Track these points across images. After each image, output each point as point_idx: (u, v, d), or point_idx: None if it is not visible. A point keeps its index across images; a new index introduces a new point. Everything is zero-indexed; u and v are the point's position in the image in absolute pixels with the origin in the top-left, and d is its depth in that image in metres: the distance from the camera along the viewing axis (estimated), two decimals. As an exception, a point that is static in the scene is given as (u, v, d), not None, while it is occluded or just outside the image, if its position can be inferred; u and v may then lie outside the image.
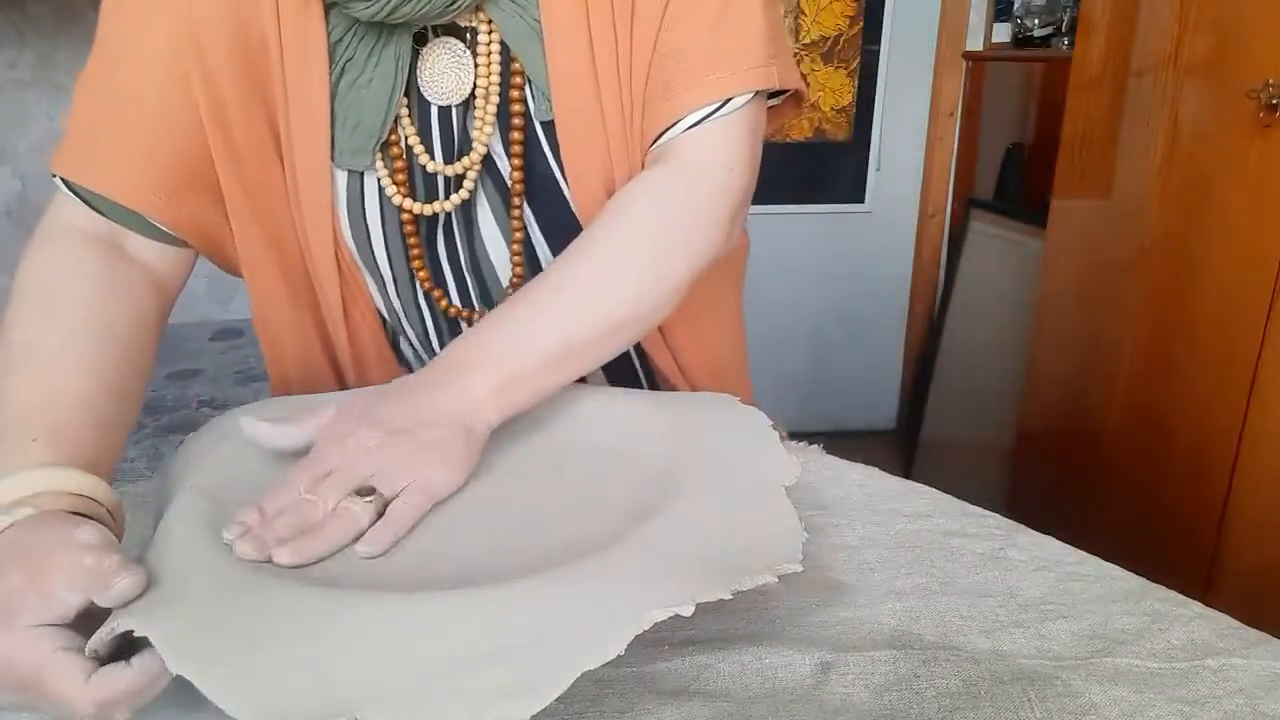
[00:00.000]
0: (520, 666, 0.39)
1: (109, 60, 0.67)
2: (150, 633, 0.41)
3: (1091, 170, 1.61)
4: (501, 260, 0.72)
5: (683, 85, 0.65)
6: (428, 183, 0.69)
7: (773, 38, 0.67)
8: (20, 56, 2.09)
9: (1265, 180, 1.22)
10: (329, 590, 0.45)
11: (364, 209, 0.70)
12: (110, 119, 0.66)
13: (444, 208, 0.69)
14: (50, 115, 2.13)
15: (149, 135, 0.66)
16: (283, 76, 0.66)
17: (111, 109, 0.66)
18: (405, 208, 0.69)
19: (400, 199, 0.68)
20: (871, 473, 0.69)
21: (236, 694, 0.38)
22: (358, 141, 0.67)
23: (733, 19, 0.65)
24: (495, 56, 0.66)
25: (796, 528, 0.50)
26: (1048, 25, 2.20)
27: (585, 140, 0.67)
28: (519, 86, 0.67)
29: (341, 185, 0.69)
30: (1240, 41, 1.26)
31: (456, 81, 0.67)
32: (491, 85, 0.67)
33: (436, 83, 0.67)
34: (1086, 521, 1.56)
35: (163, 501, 0.56)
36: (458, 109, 0.68)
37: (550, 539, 0.51)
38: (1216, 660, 0.48)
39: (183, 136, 0.66)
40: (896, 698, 0.45)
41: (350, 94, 0.66)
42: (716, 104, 0.65)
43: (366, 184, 0.69)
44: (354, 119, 0.66)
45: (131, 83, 0.66)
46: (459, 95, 0.67)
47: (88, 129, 0.67)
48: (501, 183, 0.69)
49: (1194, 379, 1.36)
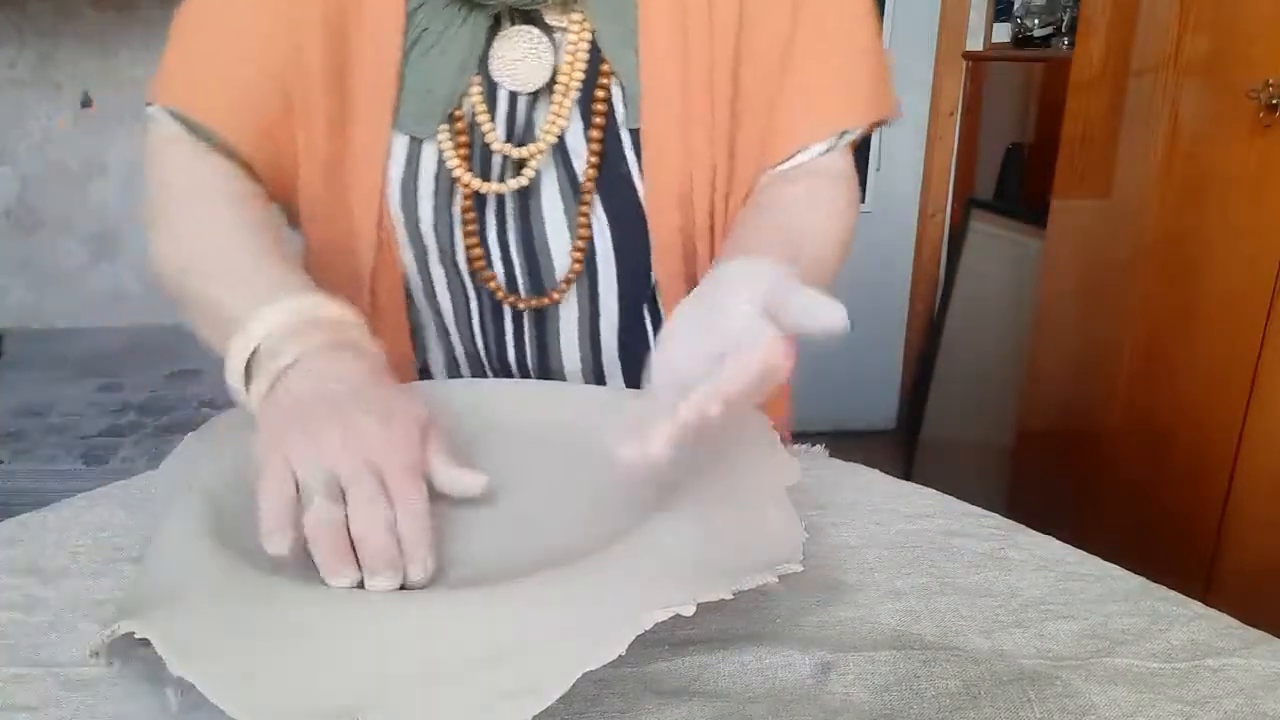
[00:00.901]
0: (521, 667, 0.39)
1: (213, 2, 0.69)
2: (151, 634, 0.41)
3: (1091, 170, 1.61)
4: (560, 250, 0.72)
5: (807, 121, 0.71)
6: (485, 162, 0.70)
7: (879, 67, 0.73)
8: (20, 56, 2.09)
9: (1265, 180, 1.22)
10: (329, 590, 0.45)
11: (417, 178, 0.70)
12: (212, 55, 0.69)
13: (505, 188, 0.69)
14: (50, 115, 2.13)
15: (244, 74, 0.68)
16: (359, 37, 0.67)
17: (214, 45, 0.69)
18: (465, 181, 0.69)
19: (461, 172, 0.69)
20: (871, 473, 0.69)
21: (237, 695, 0.38)
22: (426, 107, 0.68)
23: (853, 52, 0.71)
24: (583, 55, 0.68)
25: (797, 528, 0.50)
26: (1048, 25, 2.20)
27: (668, 149, 0.69)
28: (605, 87, 0.68)
29: (399, 151, 0.70)
30: (1240, 41, 1.26)
31: (531, 70, 0.68)
32: (574, 81, 0.68)
33: (510, 68, 0.68)
34: (1086, 521, 1.56)
35: (163, 502, 0.56)
36: (526, 97, 0.69)
37: (550, 539, 0.51)
38: (1217, 660, 0.48)
39: (274, 80, 0.68)
40: (896, 698, 0.45)
41: (423, 62, 0.67)
42: (837, 136, 0.71)
43: (424, 153, 0.69)
44: (424, 85, 0.67)
45: (233, 22, 0.68)
46: (533, 84, 0.68)
47: (187, 62, 0.70)
48: (573, 176, 0.70)
49: (1194, 379, 1.36)
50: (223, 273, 0.62)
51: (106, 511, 0.63)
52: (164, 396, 1.91)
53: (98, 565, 0.57)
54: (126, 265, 2.26)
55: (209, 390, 1.94)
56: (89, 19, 2.05)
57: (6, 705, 0.45)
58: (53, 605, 0.53)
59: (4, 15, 2.05)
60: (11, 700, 0.46)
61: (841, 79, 0.71)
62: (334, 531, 0.45)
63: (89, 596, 0.54)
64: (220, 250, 0.64)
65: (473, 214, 0.71)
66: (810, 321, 0.48)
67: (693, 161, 0.69)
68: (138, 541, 0.59)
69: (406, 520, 0.46)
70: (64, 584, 0.55)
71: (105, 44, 2.07)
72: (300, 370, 0.52)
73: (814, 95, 0.70)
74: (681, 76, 0.68)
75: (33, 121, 2.14)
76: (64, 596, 0.54)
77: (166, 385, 1.97)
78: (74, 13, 2.05)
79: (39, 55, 2.09)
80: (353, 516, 0.46)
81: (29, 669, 0.48)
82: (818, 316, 0.48)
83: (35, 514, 0.63)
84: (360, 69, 0.67)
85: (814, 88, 0.70)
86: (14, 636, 0.50)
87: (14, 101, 2.12)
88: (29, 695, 0.46)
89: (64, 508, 0.64)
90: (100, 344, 2.18)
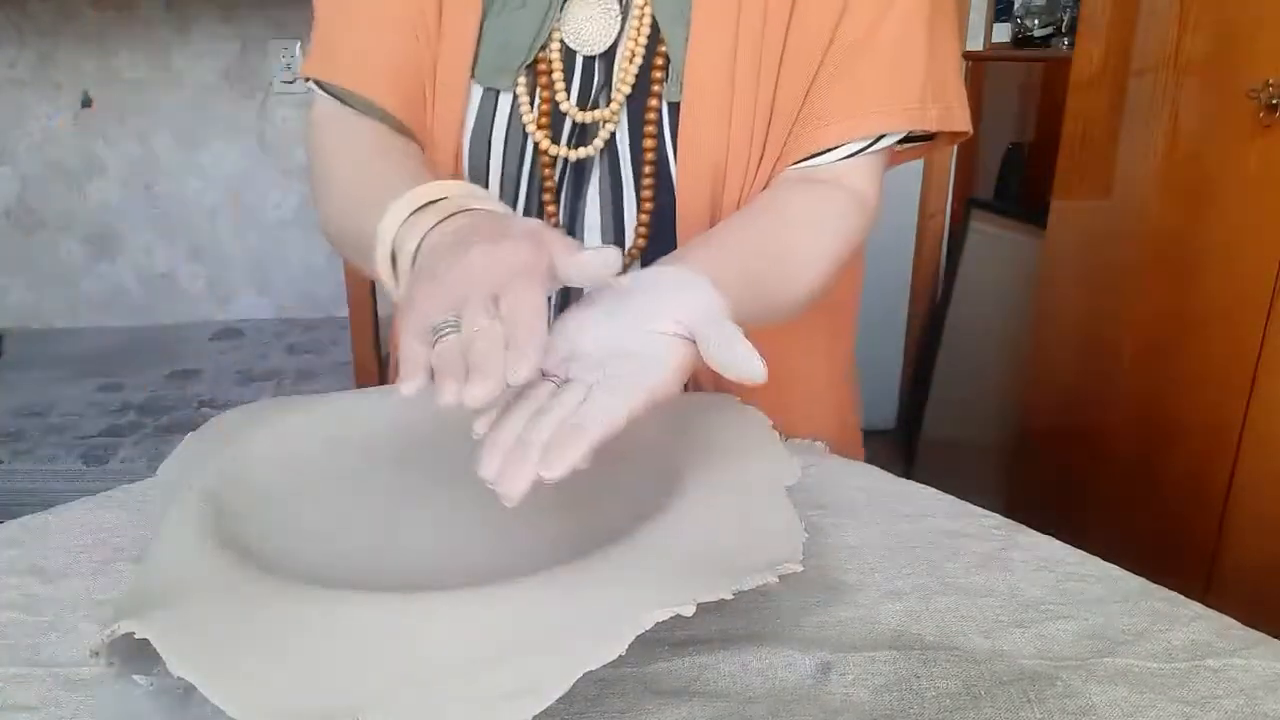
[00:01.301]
0: (521, 667, 0.39)
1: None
2: (151, 635, 0.41)
3: (1091, 170, 1.61)
4: (593, 221, 0.73)
5: (842, 117, 0.67)
6: (556, 125, 0.71)
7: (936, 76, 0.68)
8: (20, 56, 2.09)
9: (1265, 180, 1.22)
10: (329, 591, 0.45)
11: (491, 131, 0.72)
12: (351, 28, 0.73)
13: (576, 154, 0.71)
14: (50, 115, 2.13)
15: (380, 40, 0.72)
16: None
17: (351, 19, 0.73)
18: (538, 140, 0.71)
19: (533, 129, 0.71)
20: (871, 473, 0.69)
21: (237, 695, 0.38)
22: (503, 60, 0.70)
23: (902, 56, 0.67)
24: (648, 24, 0.69)
25: (797, 527, 0.50)
26: (1048, 25, 2.20)
27: (705, 130, 0.68)
28: (661, 67, 0.69)
29: (475, 102, 0.72)
30: (1240, 41, 1.26)
31: (599, 31, 0.69)
32: (638, 49, 0.69)
33: (581, 29, 0.69)
34: (1086, 521, 1.56)
35: (162, 501, 0.56)
36: (600, 63, 0.70)
37: (551, 539, 0.51)
38: (1217, 660, 0.48)
39: (408, 40, 0.71)
40: (896, 698, 0.45)
41: (502, 16, 0.70)
42: (871, 140, 0.68)
43: (500, 106, 0.71)
44: (502, 38, 0.70)
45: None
46: (600, 45, 0.69)
47: (331, 36, 0.75)
48: (615, 151, 0.71)
49: (1194, 378, 1.36)
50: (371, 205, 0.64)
51: (107, 513, 0.63)
52: (164, 396, 1.92)
53: (98, 565, 0.57)
54: (126, 265, 2.26)
55: (209, 390, 1.94)
56: (89, 19, 2.05)
57: (6, 705, 0.45)
58: (53, 605, 0.53)
59: (4, 15, 2.05)
60: (11, 700, 0.46)
61: (881, 79, 0.67)
62: (449, 356, 0.46)
63: (89, 596, 0.54)
64: (367, 189, 0.67)
65: (551, 169, 0.72)
66: (726, 370, 0.49)
67: (728, 143, 0.68)
68: (138, 541, 0.59)
69: (512, 324, 0.46)
70: (64, 584, 0.55)
71: (105, 44, 2.07)
72: (429, 241, 0.55)
73: (848, 93, 0.67)
74: (728, 57, 0.67)
75: (33, 121, 2.14)
76: (64, 596, 0.54)
77: (166, 385, 1.97)
78: (74, 13, 2.05)
79: (39, 55, 2.09)
80: (464, 337, 0.47)
81: (29, 669, 0.48)
82: (737, 369, 0.49)
83: (36, 516, 0.63)
84: (449, 19, 0.70)
85: (849, 85, 0.67)
86: (14, 636, 0.50)
87: (14, 101, 2.12)
88: (29, 695, 0.46)
89: (65, 510, 0.64)
90: (100, 344, 2.18)
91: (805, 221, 0.68)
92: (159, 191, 2.21)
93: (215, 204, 2.24)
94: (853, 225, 0.70)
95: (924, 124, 0.69)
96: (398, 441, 0.63)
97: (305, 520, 0.56)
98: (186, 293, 2.30)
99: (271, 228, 2.24)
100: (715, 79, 0.67)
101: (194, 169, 2.21)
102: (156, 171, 2.20)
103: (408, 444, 0.63)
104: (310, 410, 0.66)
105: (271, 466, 0.59)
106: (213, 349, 2.16)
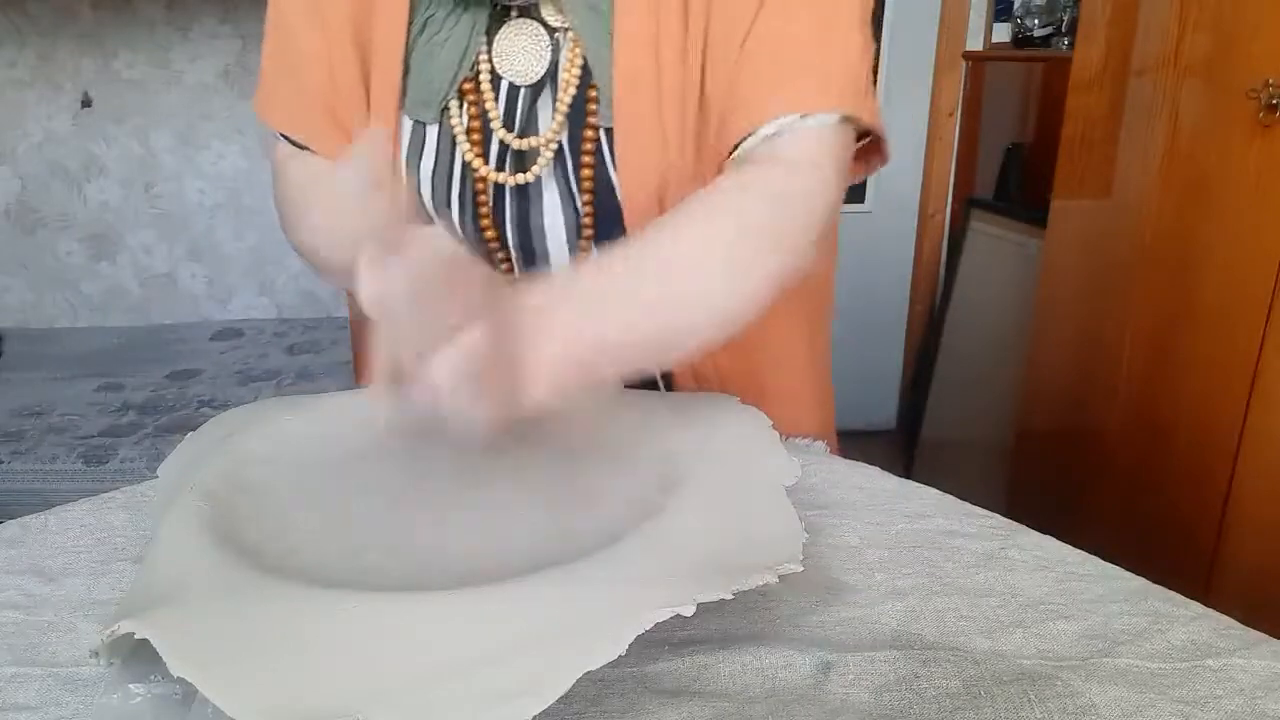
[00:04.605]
0: (521, 667, 0.39)
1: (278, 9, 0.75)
2: (151, 635, 0.41)
3: (1091, 170, 1.61)
4: (557, 246, 0.73)
5: (768, 92, 0.64)
6: (487, 150, 0.71)
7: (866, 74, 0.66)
8: (20, 56, 2.09)
9: (1265, 180, 1.22)
10: (329, 590, 0.45)
11: (420, 161, 0.72)
12: (289, 73, 0.75)
13: (514, 180, 0.71)
14: (50, 115, 2.14)
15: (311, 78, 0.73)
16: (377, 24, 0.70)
17: (281, 59, 0.75)
18: (475, 167, 0.71)
19: (471, 157, 0.71)
20: (871, 473, 0.69)
21: (237, 695, 0.38)
22: (427, 94, 0.70)
23: (831, 40, 0.64)
24: (580, 54, 0.68)
25: (797, 528, 0.50)
26: (1048, 25, 2.20)
27: (642, 148, 0.68)
28: (594, 87, 0.68)
29: (405, 133, 0.72)
30: (1240, 41, 1.26)
31: (530, 63, 0.69)
32: (572, 78, 0.68)
33: (510, 60, 0.70)
34: (1086, 521, 1.56)
35: (161, 501, 0.56)
36: (527, 92, 0.70)
37: (551, 539, 0.51)
38: (1217, 660, 0.48)
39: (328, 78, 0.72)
40: (896, 698, 0.45)
41: (426, 47, 0.70)
42: (799, 115, 0.63)
43: (427, 137, 0.72)
44: (426, 73, 0.70)
45: (291, 33, 0.74)
46: (530, 77, 0.69)
47: (275, 81, 0.76)
48: (566, 175, 0.71)
49: (1194, 379, 1.36)
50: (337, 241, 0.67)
51: (107, 513, 0.64)
52: (164, 396, 1.92)
53: (98, 565, 0.57)
54: (126, 265, 2.26)
55: (209, 390, 1.94)
56: (89, 19, 2.06)
57: (6, 705, 0.45)
58: (53, 605, 0.53)
59: (4, 15, 2.05)
60: (11, 700, 0.46)
61: (800, 58, 0.64)
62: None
63: (89, 596, 0.54)
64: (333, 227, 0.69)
65: (485, 195, 0.72)
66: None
67: (666, 159, 0.68)
68: (138, 541, 0.59)
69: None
70: (64, 584, 0.55)
71: (105, 44, 2.07)
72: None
73: (767, 73, 0.64)
74: (654, 72, 0.66)
75: (33, 121, 2.14)
76: (64, 596, 0.54)
77: (166, 385, 1.97)
78: (74, 13, 2.05)
79: (39, 55, 2.09)
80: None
81: (29, 669, 0.48)
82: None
83: (36, 516, 0.63)
84: (375, 54, 0.71)
85: (767, 66, 0.64)
86: (14, 636, 0.50)
87: (14, 101, 2.12)
88: (29, 695, 0.46)
89: (65, 510, 0.64)
90: (100, 344, 2.18)
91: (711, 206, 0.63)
92: (159, 191, 2.22)
93: (215, 204, 2.24)
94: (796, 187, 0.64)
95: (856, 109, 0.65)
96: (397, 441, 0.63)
97: (305, 520, 0.56)
98: (186, 293, 2.30)
99: (271, 228, 2.24)
100: (643, 96, 0.67)
101: (194, 169, 2.21)
102: (156, 171, 2.20)
103: (407, 444, 0.63)
104: (310, 410, 0.66)
105: (271, 466, 0.59)
106: (213, 349, 2.16)
